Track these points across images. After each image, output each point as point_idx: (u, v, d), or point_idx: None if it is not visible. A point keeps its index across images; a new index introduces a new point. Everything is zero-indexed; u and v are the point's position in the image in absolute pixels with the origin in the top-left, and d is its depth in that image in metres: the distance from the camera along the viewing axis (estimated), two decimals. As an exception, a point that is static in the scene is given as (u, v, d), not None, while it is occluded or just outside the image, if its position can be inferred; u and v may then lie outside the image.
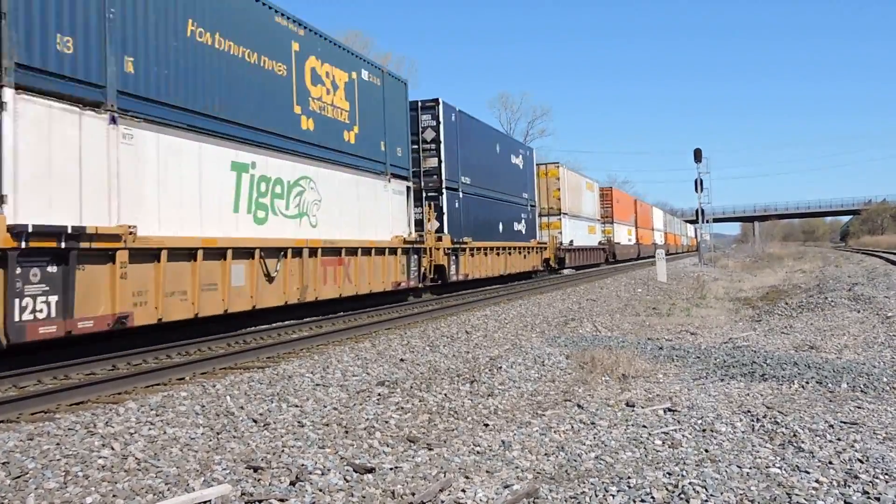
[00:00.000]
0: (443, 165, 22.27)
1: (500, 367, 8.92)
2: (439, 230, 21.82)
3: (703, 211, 45.32)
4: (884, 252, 49.65)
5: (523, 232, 30.74)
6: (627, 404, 7.02)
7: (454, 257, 22.35)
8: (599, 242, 44.53)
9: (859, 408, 6.61)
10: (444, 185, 22.28)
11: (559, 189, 35.85)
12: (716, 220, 77.19)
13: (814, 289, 20.12)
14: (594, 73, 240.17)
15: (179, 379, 8.80)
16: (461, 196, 23.53)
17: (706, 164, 43.30)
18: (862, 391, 7.30)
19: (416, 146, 21.67)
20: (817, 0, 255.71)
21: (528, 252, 31.16)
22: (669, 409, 6.72)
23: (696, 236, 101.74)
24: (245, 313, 13.05)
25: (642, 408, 6.86)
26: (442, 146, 22.27)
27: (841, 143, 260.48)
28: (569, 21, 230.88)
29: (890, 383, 7.53)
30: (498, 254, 26.92)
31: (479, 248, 24.77)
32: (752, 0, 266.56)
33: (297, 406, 7.03)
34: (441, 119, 22.19)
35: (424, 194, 21.99)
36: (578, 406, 7.03)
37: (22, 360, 9.27)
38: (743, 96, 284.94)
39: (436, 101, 22.42)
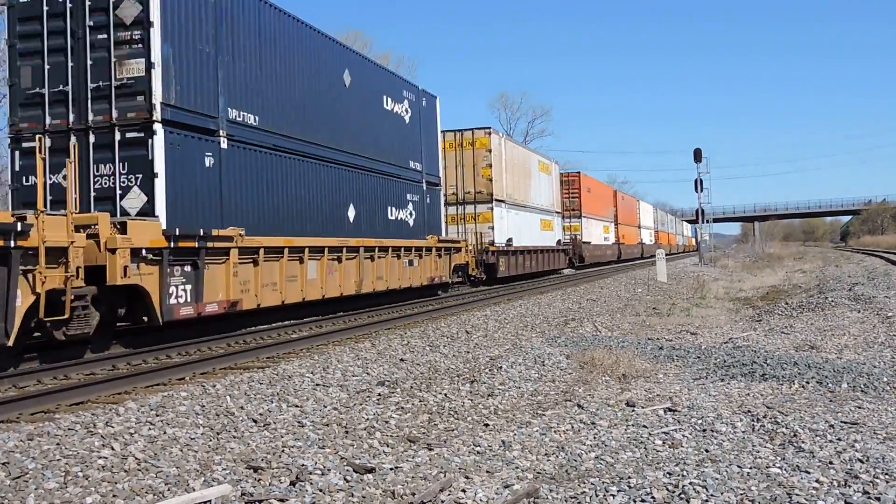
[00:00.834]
0: (157, 75, 11.06)
1: (501, 367, 8.92)
2: (145, 212, 10.97)
3: (703, 211, 45.36)
4: (884, 252, 49.62)
5: (410, 224, 19.84)
6: (628, 404, 7.02)
7: (186, 270, 11.23)
8: (559, 242, 34.94)
9: (860, 408, 6.61)
10: (158, 118, 11.04)
11: (490, 166, 25.98)
12: (716, 220, 76.36)
13: (814, 289, 20.12)
14: (594, 73, 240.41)
15: (179, 379, 8.80)
16: (225, 145, 12.40)
17: (706, 164, 43.39)
18: (862, 391, 7.30)
19: (103, 35, 11.21)
20: (817, 4, 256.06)
21: (422, 256, 20.02)
22: (670, 409, 6.72)
23: (693, 235, 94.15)
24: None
25: (642, 408, 6.86)
26: (154, 36, 11.05)
27: (841, 144, 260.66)
28: (569, 21, 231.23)
29: (890, 383, 7.53)
30: (339, 259, 15.62)
31: (275, 251, 13.42)
32: (752, 2, 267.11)
33: (297, 406, 7.03)
34: None
35: (118, 135, 11.11)
36: (579, 406, 7.03)
37: (22, 360, 9.26)
38: (743, 96, 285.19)
39: None
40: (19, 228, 8.51)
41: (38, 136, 9.89)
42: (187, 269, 11.27)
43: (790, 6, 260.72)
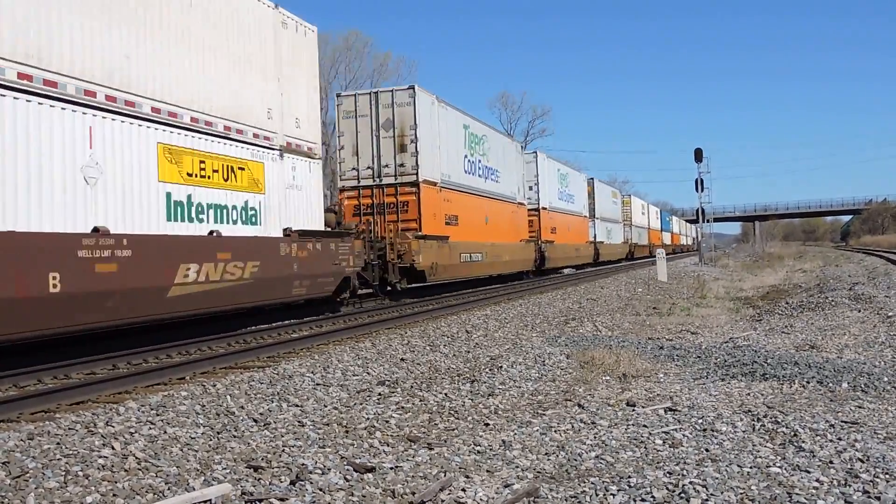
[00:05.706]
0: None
1: (501, 367, 8.92)
2: None
3: (703, 210, 45.37)
4: (885, 252, 49.61)
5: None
6: (628, 404, 7.01)
7: None
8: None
9: (860, 407, 6.60)
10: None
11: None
12: (716, 220, 75.57)
13: (814, 288, 20.10)
14: (595, 73, 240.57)
15: (180, 379, 8.79)
16: None
17: (707, 163, 43.40)
18: (863, 391, 7.29)
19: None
20: (818, 2, 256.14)
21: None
22: (670, 409, 6.71)
23: (665, 228, 76.30)
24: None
25: (643, 407, 6.85)
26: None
27: (841, 143, 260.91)
28: (569, 21, 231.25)
29: (891, 383, 7.52)
30: None
31: None
32: (752, 1, 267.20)
33: (297, 405, 7.03)
34: None
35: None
36: (579, 405, 7.03)
37: (22, 360, 9.27)
38: (744, 96, 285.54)
39: None
40: None
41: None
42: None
43: (790, 5, 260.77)
